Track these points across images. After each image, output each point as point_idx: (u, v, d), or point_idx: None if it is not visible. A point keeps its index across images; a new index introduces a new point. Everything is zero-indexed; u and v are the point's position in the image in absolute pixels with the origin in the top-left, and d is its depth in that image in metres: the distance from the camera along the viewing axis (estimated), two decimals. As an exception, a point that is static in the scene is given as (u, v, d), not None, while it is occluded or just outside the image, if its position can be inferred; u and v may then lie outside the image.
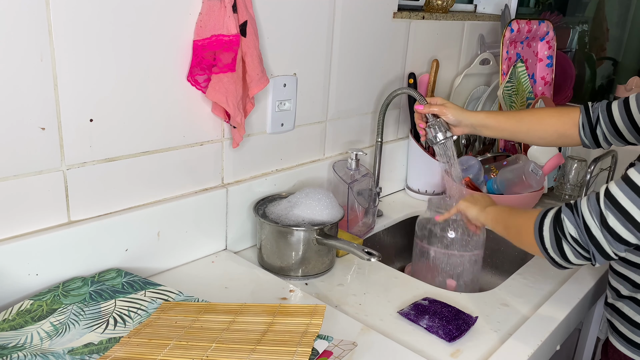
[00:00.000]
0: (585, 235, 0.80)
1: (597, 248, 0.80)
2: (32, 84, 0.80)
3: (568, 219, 0.82)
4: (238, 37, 0.96)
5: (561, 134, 1.13)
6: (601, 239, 0.79)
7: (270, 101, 1.15)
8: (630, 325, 0.96)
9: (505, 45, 1.58)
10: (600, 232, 0.79)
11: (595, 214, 0.79)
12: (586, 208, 0.81)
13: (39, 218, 0.87)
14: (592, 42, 2.18)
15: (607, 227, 0.78)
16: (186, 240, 1.07)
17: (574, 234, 0.81)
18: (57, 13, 0.80)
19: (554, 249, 0.84)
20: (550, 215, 0.86)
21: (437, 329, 0.92)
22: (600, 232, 0.79)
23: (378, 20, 1.35)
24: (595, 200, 0.80)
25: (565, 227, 0.82)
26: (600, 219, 0.79)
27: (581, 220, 0.81)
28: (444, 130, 1.15)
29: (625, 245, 0.79)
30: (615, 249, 0.79)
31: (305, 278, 1.09)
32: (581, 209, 0.81)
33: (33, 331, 0.79)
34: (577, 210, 0.82)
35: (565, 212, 0.83)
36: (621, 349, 0.97)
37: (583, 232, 0.80)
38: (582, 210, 0.81)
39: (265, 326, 0.80)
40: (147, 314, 0.86)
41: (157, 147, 0.99)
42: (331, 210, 1.11)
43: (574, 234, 0.81)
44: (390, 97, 1.31)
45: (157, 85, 0.95)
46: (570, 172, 1.61)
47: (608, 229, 0.78)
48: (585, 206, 0.81)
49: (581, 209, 0.81)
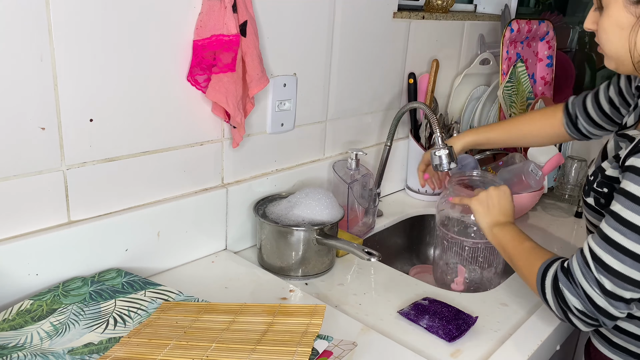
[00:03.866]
0: (591, 306, 0.79)
1: (605, 315, 0.79)
2: (32, 84, 0.80)
3: (569, 291, 0.81)
4: (238, 37, 0.96)
5: (553, 135, 1.19)
6: (607, 307, 0.78)
7: (270, 101, 1.15)
8: None
9: (505, 45, 1.58)
10: (605, 301, 0.78)
11: (592, 282, 0.78)
12: (582, 276, 0.80)
13: (39, 218, 0.87)
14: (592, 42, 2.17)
15: (608, 294, 0.77)
16: (186, 240, 1.07)
17: (579, 307, 0.81)
18: (57, 13, 0.80)
19: (560, 316, 0.84)
20: (550, 280, 0.84)
21: (437, 329, 0.92)
22: (604, 300, 0.78)
23: (378, 20, 1.35)
24: (585, 264, 0.79)
25: (568, 300, 0.81)
26: (599, 287, 0.78)
27: (582, 291, 0.80)
28: (448, 161, 1.18)
29: (629, 303, 0.79)
30: (622, 309, 0.79)
31: (305, 278, 1.09)
32: (578, 279, 0.80)
33: (33, 331, 0.79)
34: (574, 281, 0.81)
35: (562, 281, 0.82)
36: (602, 349, 0.95)
37: (587, 304, 0.80)
38: (579, 280, 0.80)
39: (265, 326, 0.80)
40: (147, 314, 0.86)
41: (157, 147, 0.99)
42: (331, 210, 1.11)
43: (580, 307, 0.80)
44: (405, 108, 1.29)
45: (157, 85, 0.95)
46: (570, 172, 1.61)
47: (610, 295, 0.77)
48: (580, 274, 0.80)
49: (578, 279, 0.80)
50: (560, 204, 1.61)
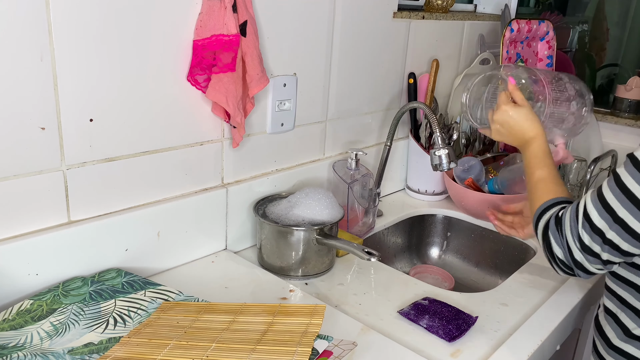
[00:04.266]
0: (570, 257, 0.83)
1: (580, 268, 0.83)
2: (32, 84, 0.80)
3: (554, 240, 0.84)
4: (238, 37, 0.96)
5: None
6: (583, 261, 0.81)
7: (270, 101, 1.15)
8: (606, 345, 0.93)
9: (505, 45, 1.58)
10: (582, 255, 0.81)
11: (575, 236, 0.81)
12: (569, 229, 0.82)
13: (39, 218, 0.87)
14: (592, 42, 2.18)
15: (586, 249, 0.80)
16: (186, 240, 1.07)
17: (560, 256, 0.84)
18: (57, 13, 0.80)
19: (546, 257, 0.88)
20: (542, 225, 0.87)
21: (437, 329, 0.92)
22: (581, 254, 0.81)
23: (378, 20, 1.35)
24: (575, 218, 0.81)
25: (553, 248, 0.85)
26: (579, 242, 0.80)
27: (565, 242, 0.83)
28: (448, 161, 1.17)
29: (606, 264, 0.81)
30: (597, 266, 0.81)
31: (305, 278, 1.09)
32: (565, 231, 0.83)
33: (33, 331, 0.79)
34: (561, 231, 0.83)
35: (552, 230, 0.85)
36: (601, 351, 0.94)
37: (567, 255, 0.83)
38: (565, 232, 0.82)
39: (265, 326, 0.80)
40: (147, 314, 0.86)
41: (157, 147, 0.99)
42: (331, 210, 1.11)
43: (560, 256, 0.84)
44: (405, 108, 1.30)
45: (157, 85, 0.95)
46: (570, 172, 1.61)
47: (587, 251, 0.80)
48: (568, 226, 0.82)
49: (565, 231, 0.83)
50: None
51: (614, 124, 1.78)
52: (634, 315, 0.87)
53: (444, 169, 1.18)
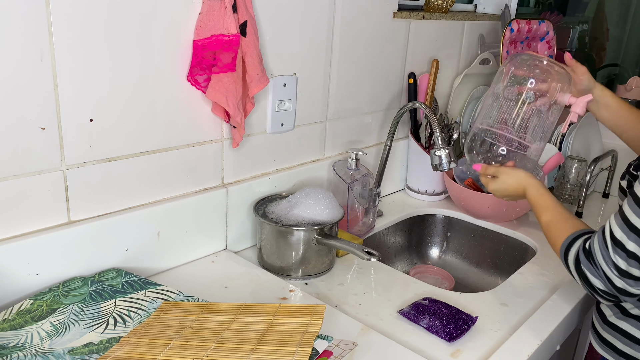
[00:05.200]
0: (611, 286, 0.82)
1: (624, 294, 0.82)
2: (32, 83, 0.80)
3: (590, 273, 0.84)
4: (238, 37, 0.96)
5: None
6: (625, 287, 0.81)
7: (270, 101, 1.15)
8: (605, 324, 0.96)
9: (505, 45, 1.58)
10: (622, 281, 0.81)
11: (610, 264, 0.81)
12: (601, 258, 0.82)
13: (39, 218, 0.87)
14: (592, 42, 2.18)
15: (624, 274, 0.80)
16: (186, 240, 1.07)
17: (601, 287, 0.83)
18: (57, 13, 0.80)
19: (587, 291, 0.87)
20: (572, 261, 0.87)
21: (437, 329, 0.92)
22: (621, 280, 0.81)
23: (378, 20, 1.35)
24: (604, 245, 0.82)
25: (591, 281, 0.84)
26: (615, 268, 0.81)
27: (602, 272, 0.82)
28: (448, 161, 1.17)
29: None
30: (638, 288, 0.81)
31: (305, 278, 1.09)
32: (598, 261, 0.82)
33: (33, 331, 0.79)
34: (594, 262, 0.83)
35: (584, 264, 0.84)
36: (595, 346, 0.97)
37: (607, 284, 0.82)
38: (599, 261, 0.82)
39: (265, 326, 0.80)
40: (147, 314, 0.86)
41: (157, 147, 0.99)
42: (331, 210, 1.11)
43: (601, 287, 0.83)
44: (405, 108, 1.30)
45: (157, 85, 0.95)
46: (571, 172, 1.61)
47: (626, 275, 0.80)
48: (600, 255, 0.82)
49: (598, 261, 0.82)
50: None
51: (614, 124, 1.78)
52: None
53: (444, 169, 1.19)
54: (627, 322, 0.92)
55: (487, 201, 1.38)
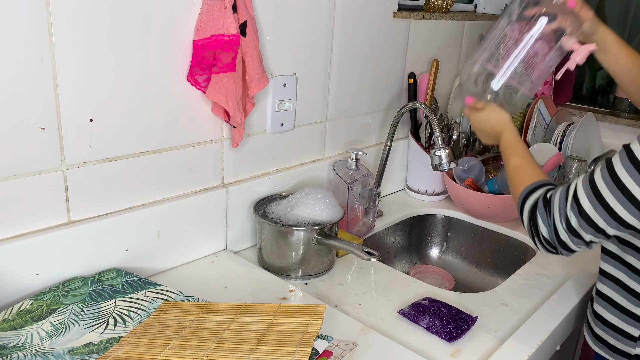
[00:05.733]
0: (555, 237, 0.85)
1: (563, 247, 0.85)
2: (32, 84, 0.80)
3: (541, 220, 0.86)
4: (238, 37, 0.96)
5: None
6: (567, 241, 0.84)
7: (270, 101, 1.15)
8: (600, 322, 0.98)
9: (505, 45, 1.58)
10: (567, 236, 0.83)
11: (563, 217, 0.83)
12: (557, 210, 0.84)
13: (39, 218, 0.87)
14: (592, 42, 2.18)
15: (572, 231, 0.83)
16: (186, 240, 1.07)
17: (545, 235, 0.86)
18: (57, 13, 0.80)
19: (529, 236, 0.90)
20: (529, 205, 0.89)
21: (437, 329, 0.92)
22: (567, 235, 0.83)
23: (378, 20, 1.35)
24: (565, 200, 0.83)
25: (539, 227, 0.86)
26: (566, 223, 0.83)
27: (552, 222, 0.85)
28: (448, 161, 1.18)
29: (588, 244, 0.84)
30: (580, 246, 0.84)
31: (305, 278, 1.09)
32: (553, 211, 0.84)
33: (33, 331, 0.79)
34: (549, 212, 0.85)
35: (540, 210, 0.86)
36: (588, 341, 1.00)
37: (552, 235, 0.85)
38: (553, 212, 0.84)
39: (265, 326, 0.80)
40: (147, 314, 0.86)
41: (157, 147, 0.99)
42: (331, 210, 1.11)
43: (546, 235, 0.86)
44: (405, 108, 1.30)
45: (157, 85, 0.95)
46: (570, 172, 1.61)
47: (573, 232, 0.82)
48: (557, 208, 0.84)
49: (553, 211, 0.84)
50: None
51: (614, 124, 1.78)
52: (628, 295, 0.91)
53: (444, 169, 1.19)
54: (619, 317, 0.93)
55: (487, 201, 1.38)
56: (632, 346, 0.92)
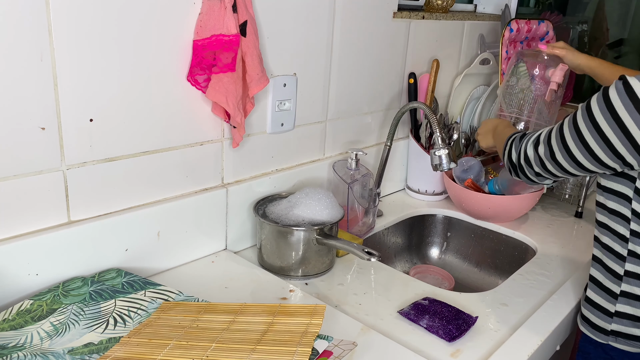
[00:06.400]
0: (518, 160, 1.03)
1: (521, 171, 1.04)
2: (32, 84, 0.80)
3: (514, 146, 1.05)
4: (238, 37, 0.96)
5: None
6: (525, 168, 1.02)
7: (270, 101, 1.15)
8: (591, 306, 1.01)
9: (504, 45, 1.58)
10: (525, 163, 1.02)
11: (529, 146, 1.00)
12: (528, 140, 1.01)
13: (39, 218, 0.87)
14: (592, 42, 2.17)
15: (527, 160, 1.00)
16: (186, 240, 1.07)
17: (513, 158, 1.05)
18: (57, 13, 0.80)
19: (503, 161, 1.09)
20: (510, 140, 1.08)
21: (437, 329, 0.92)
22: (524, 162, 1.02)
23: (378, 20, 1.35)
24: (537, 137, 0.99)
25: (512, 151, 1.05)
26: (524, 153, 1.01)
27: (520, 148, 1.03)
28: (448, 161, 1.19)
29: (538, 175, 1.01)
30: (532, 176, 1.02)
31: (305, 278, 1.09)
32: (524, 140, 1.02)
33: (33, 331, 0.79)
34: (522, 141, 1.03)
35: (515, 140, 1.06)
36: (578, 323, 1.04)
37: (518, 158, 1.03)
38: (524, 140, 1.02)
39: (265, 326, 0.80)
40: (147, 314, 0.86)
41: (157, 147, 0.99)
42: (331, 210, 1.11)
43: (514, 159, 1.04)
44: (405, 108, 1.30)
45: (157, 85, 0.95)
46: (570, 172, 1.61)
47: (526, 161, 1.01)
48: (528, 138, 1.02)
49: (524, 140, 1.02)
50: (560, 204, 1.61)
51: (614, 124, 1.78)
52: (606, 272, 0.97)
53: (444, 169, 1.19)
54: (599, 294, 0.98)
55: (487, 202, 1.38)
56: (608, 322, 0.96)
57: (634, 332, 0.94)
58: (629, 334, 0.94)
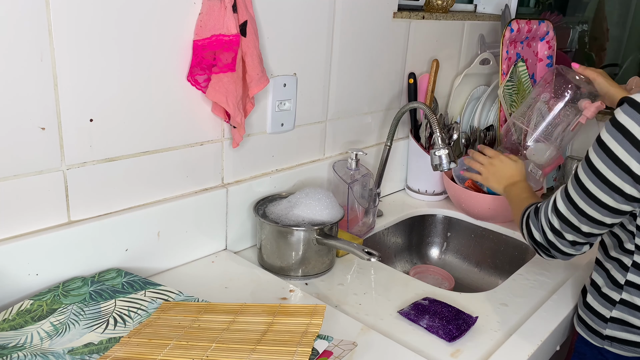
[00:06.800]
0: (544, 239, 0.95)
1: (554, 248, 0.94)
2: (32, 84, 0.80)
3: (533, 225, 0.97)
4: (238, 37, 0.96)
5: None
6: (555, 242, 0.93)
7: (270, 101, 1.15)
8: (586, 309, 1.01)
9: (505, 45, 1.58)
10: (554, 237, 0.93)
11: (547, 221, 0.94)
12: (543, 215, 0.95)
13: (39, 218, 0.87)
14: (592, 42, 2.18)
15: (556, 232, 0.93)
16: (186, 240, 1.07)
17: (538, 239, 0.96)
18: (57, 13, 0.80)
19: (528, 242, 1.00)
20: (525, 217, 1.00)
21: (437, 329, 0.92)
22: (553, 236, 0.93)
23: (378, 20, 1.35)
24: (548, 206, 0.94)
25: (532, 232, 0.97)
26: (550, 225, 0.93)
27: (540, 226, 0.95)
28: (448, 161, 1.19)
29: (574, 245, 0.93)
30: (567, 247, 0.93)
31: (305, 278, 1.09)
32: (540, 216, 0.96)
33: (33, 331, 0.79)
34: (538, 217, 0.96)
35: (531, 218, 0.98)
36: (575, 325, 1.04)
37: (543, 237, 0.95)
38: (541, 217, 0.95)
39: (265, 326, 0.80)
40: (147, 314, 0.86)
41: (157, 147, 0.99)
42: (331, 210, 1.11)
43: (538, 239, 0.96)
44: (405, 108, 1.30)
45: (157, 85, 0.95)
46: (570, 172, 1.61)
47: (557, 233, 0.93)
48: (543, 213, 0.95)
49: (540, 216, 0.96)
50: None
51: (614, 124, 1.78)
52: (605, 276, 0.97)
53: (444, 169, 1.19)
54: (595, 298, 0.99)
55: (487, 202, 1.38)
56: (603, 327, 0.97)
57: (629, 337, 0.95)
58: (624, 339, 0.95)
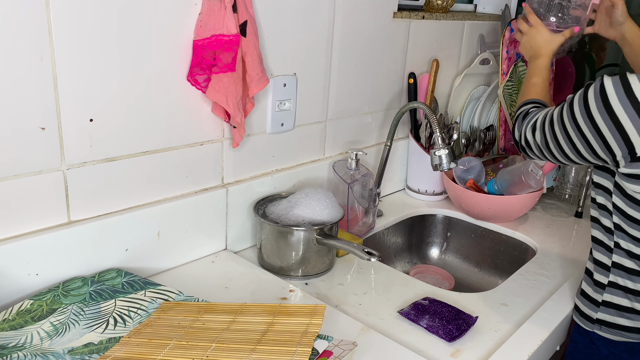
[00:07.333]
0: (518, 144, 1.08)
1: (522, 148, 1.07)
2: (32, 84, 0.80)
3: (517, 126, 1.08)
4: (238, 37, 0.96)
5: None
6: (527, 151, 1.06)
7: (270, 101, 1.15)
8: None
9: (505, 45, 1.58)
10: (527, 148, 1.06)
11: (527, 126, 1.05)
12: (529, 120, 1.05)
13: (39, 218, 0.87)
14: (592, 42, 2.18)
15: (528, 147, 1.05)
16: (186, 240, 1.07)
17: (516, 136, 1.09)
18: (57, 13, 0.80)
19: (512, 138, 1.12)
20: (517, 114, 1.11)
21: (437, 329, 0.92)
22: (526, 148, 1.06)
23: (378, 20, 1.35)
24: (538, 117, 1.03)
25: (515, 129, 1.10)
26: (525, 141, 1.05)
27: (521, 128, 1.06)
28: (449, 161, 1.19)
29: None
30: (534, 157, 1.06)
31: (305, 278, 1.09)
32: (525, 120, 1.06)
33: (33, 331, 0.79)
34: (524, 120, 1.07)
35: (519, 118, 1.09)
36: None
37: (518, 141, 1.08)
38: (526, 121, 1.05)
39: (265, 326, 0.80)
40: (147, 314, 0.86)
41: (157, 147, 0.99)
42: (331, 210, 1.11)
43: (516, 136, 1.09)
44: (405, 108, 1.31)
45: (157, 85, 0.95)
46: (570, 172, 1.61)
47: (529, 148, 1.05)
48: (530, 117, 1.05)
49: (525, 120, 1.06)
50: (560, 204, 1.61)
51: (614, 124, 1.78)
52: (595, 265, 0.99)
53: (444, 169, 1.19)
54: (588, 284, 1.00)
55: (487, 202, 1.38)
56: (594, 310, 0.99)
57: (618, 321, 0.96)
58: (613, 322, 0.97)
